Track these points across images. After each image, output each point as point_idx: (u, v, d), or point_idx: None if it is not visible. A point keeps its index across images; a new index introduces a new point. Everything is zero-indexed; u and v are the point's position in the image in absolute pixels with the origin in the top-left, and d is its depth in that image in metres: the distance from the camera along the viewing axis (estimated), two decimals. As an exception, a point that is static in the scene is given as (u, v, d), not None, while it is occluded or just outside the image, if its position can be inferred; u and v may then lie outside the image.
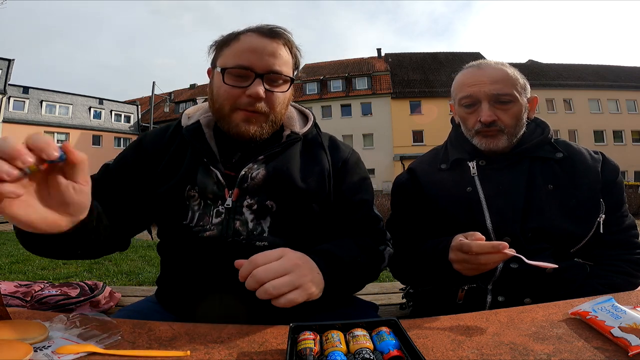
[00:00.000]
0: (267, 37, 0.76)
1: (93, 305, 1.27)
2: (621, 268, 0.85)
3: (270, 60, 0.75)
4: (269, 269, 0.56)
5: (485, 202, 0.89)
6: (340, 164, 0.85)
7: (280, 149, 0.80)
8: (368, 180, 0.90)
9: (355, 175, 0.86)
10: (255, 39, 0.76)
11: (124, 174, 0.81)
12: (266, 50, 0.75)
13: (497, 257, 0.68)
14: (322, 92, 28.96)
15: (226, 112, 0.77)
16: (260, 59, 0.74)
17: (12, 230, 8.98)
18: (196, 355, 0.51)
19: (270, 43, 0.75)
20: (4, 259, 4.94)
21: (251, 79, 0.74)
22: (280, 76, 0.76)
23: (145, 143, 0.85)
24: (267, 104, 0.76)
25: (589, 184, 0.88)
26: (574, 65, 29.15)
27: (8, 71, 23.58)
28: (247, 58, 0.74)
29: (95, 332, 0.56)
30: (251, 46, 0.75)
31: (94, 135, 28.73)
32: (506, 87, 0.90)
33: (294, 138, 0.82)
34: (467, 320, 0.61)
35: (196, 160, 0.79)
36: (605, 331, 0.52)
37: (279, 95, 0.78)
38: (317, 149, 0.85)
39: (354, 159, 0.89)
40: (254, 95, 0.74)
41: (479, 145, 0.93)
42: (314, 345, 0.48)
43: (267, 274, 0.55)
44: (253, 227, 0.76)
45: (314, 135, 0.87)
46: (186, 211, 0.77)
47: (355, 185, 0.85)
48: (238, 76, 0.75)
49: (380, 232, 0.86)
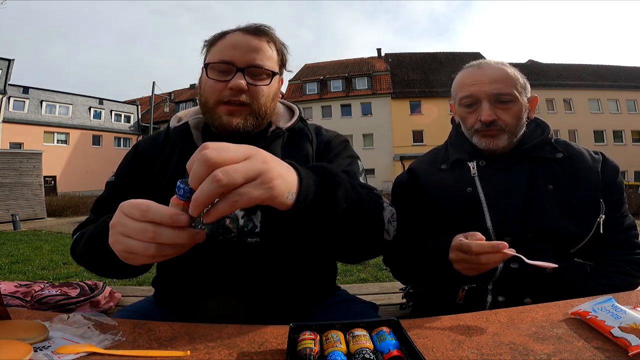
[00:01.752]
0: (251, 34, 0.79)
1: (93, 305, 1.27)
2: (621, 268, 0.85)
3: (252, 55, 0.78)
4: (222, 148, 0.43)
5: (486, 202, 0.89)
6: (322, 146, 0.86)
7: (265, 143, 0.81)
8: (355, 159, 0.87)
9: (338, 154, 0.86)
10: (239, 36, 0.79)
11: (127, 187, 0.82)
12: (249, 46, 0.78)
13: (496, 257, 0.68)
14: (322, 92, 28.97)
15: (211, 106, 0.79)
16: (242, 54, 0.77)
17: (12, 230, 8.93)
18: (196, 355, 0.51)
19: (253, 39, 0.79)
20: (4, 259, 4.94)
21: (233, 73, 0.77)
22: (262, 70, 0.79)
23: (140, 150, 0.87)
24: (249, 96, 0.78)
25: (589, 184, 0.88)
26: (574, 65, 29.15)
27: (8, 71, 23.57)
28: (230, 53, 0.78)
29: (95, 332, 0.56)
30: (234, 43, 0.79)
31: (94, 135, 28.73)
32: (506, 87, 0.90)
33: (277, 132, 0.84)
34: (467, 320, 0.61)
35: (184, 161, 0.78)
36: (605, 331, 0.52)
37: (262, 88, 0.79)
38: (302, 139, 0.86)
39: (338, 140, 0.89)
40: (235, 88, 0.76)
41: (479, 144, 0.93)
42: (314, 345, 0.48)
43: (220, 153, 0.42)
44: (244, 223, 0.75)
45: (299, 127, 0.88)
46: None
47: (336, 162, 0.84)
48: (221, 71, 0.78)
49: (377, 194, 0.74)
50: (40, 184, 11.97)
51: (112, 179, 0.85)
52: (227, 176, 0.41)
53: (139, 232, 0.46)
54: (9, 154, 11.81)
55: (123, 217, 0.48)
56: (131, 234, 0.47)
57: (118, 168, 0.87)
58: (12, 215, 9.42)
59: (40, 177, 12.04)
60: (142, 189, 0.81)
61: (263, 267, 0.74)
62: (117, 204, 0.77)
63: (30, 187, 11.58)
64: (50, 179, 23.91)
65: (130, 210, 0.48)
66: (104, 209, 0.81)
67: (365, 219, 0.63)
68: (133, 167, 0.85)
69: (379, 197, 0.75)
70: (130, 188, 0.81)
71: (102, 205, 0.82)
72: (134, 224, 0.47)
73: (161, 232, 0.45)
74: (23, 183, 11.45)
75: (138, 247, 0.46)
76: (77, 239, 0.76)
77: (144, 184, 0.82)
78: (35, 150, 12.94)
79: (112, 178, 0.86)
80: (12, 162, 11.35)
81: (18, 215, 9.45)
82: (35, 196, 11.69)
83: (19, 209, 10.78)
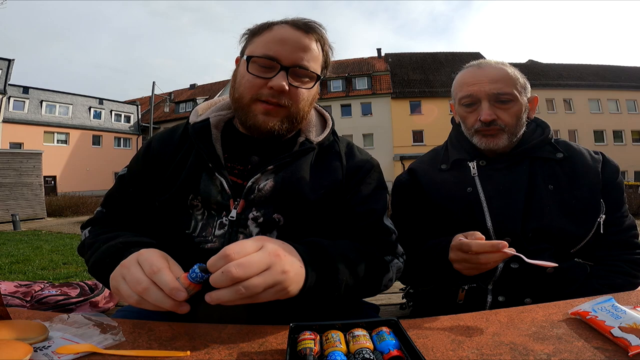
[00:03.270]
0: (300, 30, 0.73)
1: (93, 305, 1.27)
2: (621, 268, 0.85)
3: (299, 54, 0.72)
4: (245, 265, 0.48)
5: (486, 202, 0.89)
6: (353, 170, 0.80)
7: (291, 158, 0.75)
8: (383, 190, 0.84)
9: (367, 183, 0.81)
10: (287, 31, 0.72)
11: (137, 185, 0.79)
12: (297, 44, 0.72)
13: (497, 256, 0.68)
14: (322, 92, 28.93)
15: (246, 102, 0.73)
16: (289, 51, 0.71)
17: (12, 230, 8.92)
18: (196, 355, 0.51)
19: (302, 36, 0.72)
20: (4, 259, 4.94)
21: (276, 71, 0.71)
22: (307, 72, 0.73)
23: (153, 146, 0.82)
24: (289, 98, 0.72)
25: (589, 185, 0.88)
26: (574, 65, 29.12)
27: (8, 71, 23.56)
28: (276, 49, 0.71)
29: (95, 332, 0.56)
30: (282, 37, 0.72)
31: (94, 135, 28.70)
32: (506, 87, 0.90)
33: (308, 147, 0.77)
34: (467, 320, 0.61)
35: (200, 164, 0.75)
36: (605, 331, 0.52)
37: (303, 91, 0.74)
38: (332, 158, 0.80)
39: (369, 166, 0.83)
40: (277, 88, 0.70)
41: (479, 144, 0.93)
42: (314, 345, 0.48)
43: (245, 271, 0.48)
44: None
45: (330, 142, 0.82)
46: (189, 220, 0.74)
47: (366, 193, 0.79)
48: (263, 66, 0.72)
49: (389, 243, 0.78)
50: (40, 184, 11.97)
51: (124, 172, 0.82)
52: (249, 291, 0.48)
53: (134, 282, 0.52)
54: (9, 154, 11.80)
55: (134, 264, 0.54)
56: (127, 280, 0.53)
57: (131, 162, 0.84)
58: (12, 215, 9.41)
59: (40, 177, 12.03)
60: (153, 187, 0.78)
61: None
62: (125, 202, 0.80)
63: (30, 187, 11.57)
64: (50, 179, 23.91)
65: (144, 262, 0.54)
66: (113, 203, 0.81)
67: (361, 290, 0.71)
68: (145, 165, 0.80)
69: (389, 250, 0.77)
70: (140, 187, 0.79)
71: (112, 200, 0.81)
72: (136, 274, 0.53)
73: (151, 291, 0.51)
74: (23, 183, 11.44)
75: (124, 290, 0.53)
76: (86, 243, 0.74)
77: (155, 183, 0.78)
78: (35, 150, 12.92)
79: (124, 171, 0.83)
80: (12, 162, 11.34)
81: (18, 215, 9.44)
82: (35, 196, 11.69)
83: (19, 209, 10.77)
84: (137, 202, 0.79)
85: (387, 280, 0.73)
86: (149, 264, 0.53)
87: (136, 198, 0.79)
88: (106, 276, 0.62)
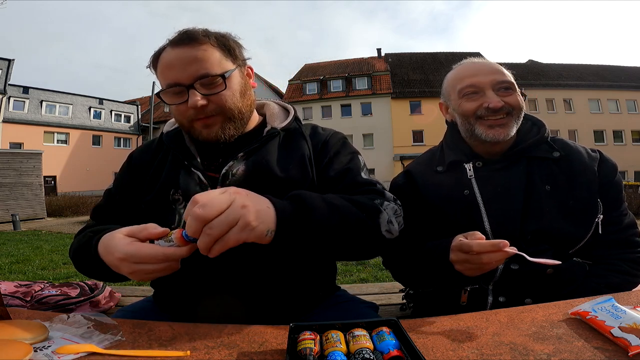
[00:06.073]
0: (182, 46, 0.74)
1: (93, 305, 1.27)
2: (620, 267, 0.85)
3: (192, 67, 0.73)
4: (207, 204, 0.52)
5: (483, 205, 0.89)
6: (320, 146, 0.85)
7: (259, 144, 0.80)
8: (353, 153, 0.86)
9: (335, 152, 0.84)
10: (171, 53, 0.75)
11: (123, 195, 0.85)
12: (184, 60, 0.73)
13: (498, 255, 0.68)
14: (322, 92, 28.95)
15: (186, 126, 0.79)
16: (181, 71, 0.73)
17: (12, 230, 8.92)
18: (196, 355, 0.51)
19: (185, 51, 0.73)
20: (4, 259, 4.94)
21: (185, 93, 0.74)
22: (210, 78, 0.74)
23: (134, 159, 0.89)
24: (215, 106, 0.75)
25: (586, 184, 0.88)
26: (574, 65, 29.11)
27: (8, 71, 23.56)
28: (171, 75, 0.74)
29: (95, 332, 0.56)
30: (169, 62, 0.74)
31: (94, 135, 28.72)
32: (506, 76, 0.92)
33: (272, 132, 0.83)
34: (467, 320, 0.61)
35: (177, 163, 0.81)
36: (605, 331, 0.52)
37: (221, 94, 0.75)
38: (297, 139, 0.84)
39: (336, 138, 0.87)
40: (195, 108, 0.74)
41: (484, 135, 0.90)
42: (314, 345, 0.48)
43: (206, 210, 0.52)
44: None
45: (295, 127, 0.87)
46: (173, 215, 0.78)
47: (336, 160, 0.82)
48: (174, 94, 0.76)
49: (374, 191, 0.77)
50: (40, 184, 11.97)
51: (110, 188, 0.90)
52: (215, 231, 0.52)
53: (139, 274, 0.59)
54: (9, 154, 11.81)
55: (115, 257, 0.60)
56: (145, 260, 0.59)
57: (116, 177, 0.91)
58: (12, 215, 9.42)
59: (40, 177, 12.04)
60: (137, 194, 0.84)
61: (263, 267, 0.74)
62: (112, 212, 0.84)
63: (30, 187, 11.58)
64: (50, 179, 23.91)
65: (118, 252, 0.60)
66: (101, 216, 0.85)
67: (354, 232, 0.66)
68: (128, 175, 0.87)
69: (376, 196, 0.75)
70: (125, 195, 0.85)
71: (100, 212, 0.86)
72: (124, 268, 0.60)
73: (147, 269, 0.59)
74: (23, 183, 11.45)
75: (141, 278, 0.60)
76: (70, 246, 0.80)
77: (138, 190, 0.84)
78: (35, 150, 12.93)
79: (110, 186, 0.90)
80: (12, 162, 11.35)
81: (18, 215, 9.45)
82: (35, 196, 11.70)
83: (19, 209, 10.78)
84: (124, 209, 0.84)
85: (386, 223, 0.70)
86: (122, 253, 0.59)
87: (123, 206, 0.84)
88: (84, 265, 0.72)
